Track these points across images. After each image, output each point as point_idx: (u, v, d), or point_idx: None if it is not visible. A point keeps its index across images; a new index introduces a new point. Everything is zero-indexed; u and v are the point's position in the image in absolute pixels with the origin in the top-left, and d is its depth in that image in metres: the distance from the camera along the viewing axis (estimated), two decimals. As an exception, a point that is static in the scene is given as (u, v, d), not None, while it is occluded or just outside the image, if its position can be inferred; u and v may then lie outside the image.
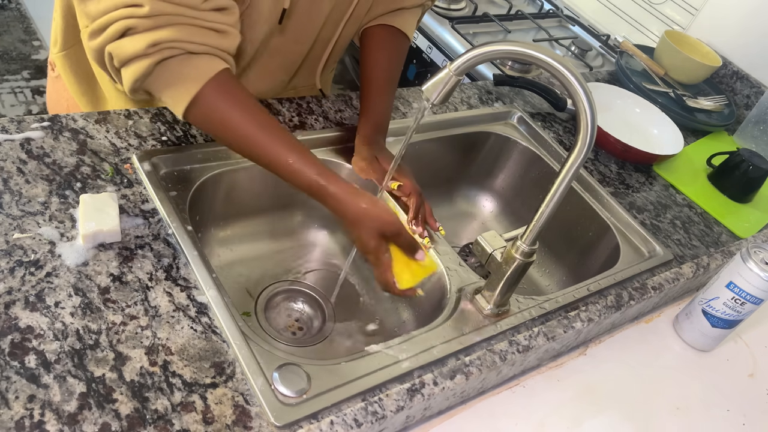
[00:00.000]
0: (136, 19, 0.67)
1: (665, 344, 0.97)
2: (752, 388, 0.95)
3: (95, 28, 0.69)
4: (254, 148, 0.74)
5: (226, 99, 0.73)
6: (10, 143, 0.78)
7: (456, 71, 0.69)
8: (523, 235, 0.75)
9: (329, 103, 1.05)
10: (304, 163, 0.74)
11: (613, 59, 1.75)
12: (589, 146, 0.67)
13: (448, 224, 1.20)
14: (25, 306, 0.62)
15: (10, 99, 2.37)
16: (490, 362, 0.74)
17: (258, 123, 0.74)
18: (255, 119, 0.74)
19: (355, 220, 0.75)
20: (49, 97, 1.09)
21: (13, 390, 0.56)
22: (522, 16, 1.84)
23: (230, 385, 0.63)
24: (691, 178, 1.27)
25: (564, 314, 0.85)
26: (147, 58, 0.69)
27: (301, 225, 1.03)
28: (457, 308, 0.81)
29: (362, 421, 0.63)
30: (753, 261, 0.88)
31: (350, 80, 1.94)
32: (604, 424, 0.81)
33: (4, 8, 2.77)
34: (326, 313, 0.95)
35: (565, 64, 0.64)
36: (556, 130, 1.24)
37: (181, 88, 0.71)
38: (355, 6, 0.93)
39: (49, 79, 1.06)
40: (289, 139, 0.75)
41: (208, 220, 0.92)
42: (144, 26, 0.67)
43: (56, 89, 1.04)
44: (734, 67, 1.63)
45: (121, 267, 0.69)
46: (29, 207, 0.72)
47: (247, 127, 0.73)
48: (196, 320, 0.67)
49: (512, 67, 1.57)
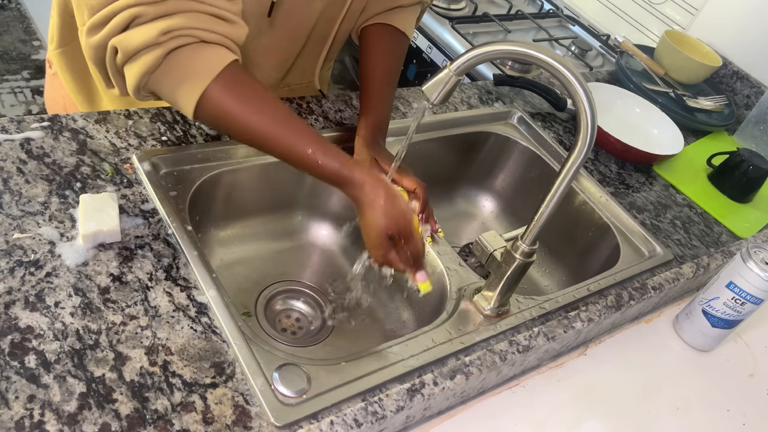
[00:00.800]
0: (143, 7, 0.64)
1: (665, 344, 0.97)
2: (752, 388, 0.95)
3: (96, 22, 0.66)
4: (270, 141, 0.72)
5: (237, 93, 0.70)
6: (10, 143, 0.78)
7: (456, 71, 0.69)
8: (523, 235, 0.75)
9: (329, 103, 1.05)
10: (324, 152, 0.72)
11: (613, 59, 1.75)
12: (589, 146, 0.67)
13: (448, 224, 1.20)
14: (25, 306, 0.62)
15: (10, 99, 2.37)
16: (490, 362, 0.74)
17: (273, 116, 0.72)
18: (269, 111, 0.72)
19: (370, 216, 0.73)
20: (47, 94, 1.09)
21: (13, 390, 0.56)
22: (522, 16, 1.84)
23: (230, 385, 0.63)
24: (691, 178, 1.27)
25: (564, 314, 0.85)
26: (159, 47, 0.66)
27: (301, 225, 1.03)
28: (457, 308, 0.81)
29: (362, 421, 0.63)
30: (753, 261, 0.88)
31: (350, 80, 1.94)
32: (605, 424, 0.81)
33: (4, 8, 2.77)
34: (326, 313, 0.95)
35: (565, 64, 0.64)
36: (556, 130, 1.24)
37: (189, 83, 0.68)
38: (350, 4, 0.93)
39: (47, 76, 1.06)
40: (305, 129, 0.73)
41: (208, 220, 0.92)
42: (152, 14, 0.64)
43: (53, 86, 1.05)
44: (734, 67, 1.63)
45: (121, 267, 0.69)
46: (29, 207, 0.71)
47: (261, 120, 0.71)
48: (196, 320, 0.67)
49: (512, 67, 1.57)
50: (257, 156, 0.91)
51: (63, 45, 0.96)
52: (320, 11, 0.91)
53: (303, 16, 0.91)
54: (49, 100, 1.08)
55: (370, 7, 0.98)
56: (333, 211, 1.03)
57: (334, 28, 0.97)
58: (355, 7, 0.95)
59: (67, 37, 0.95)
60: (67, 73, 0.99)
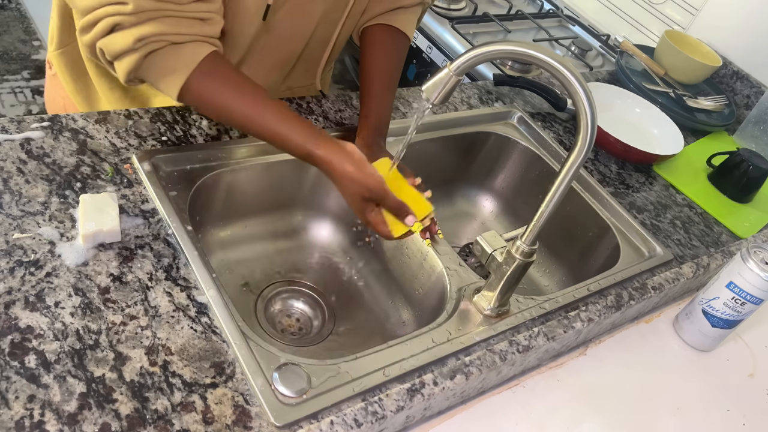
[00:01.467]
0: (122, 16, 0.70)
1: (665, 344, 0.97)
2: (752, 388, 0.94)
3: (85, 24, 0.72)
4: (247, 122, 0.78)
5: (214, 81, 0.77)
6: (10, 143, 0.78)
7: (456, 71, 0.69)
8: (523, 235, 0.75)
9: (329, 103, 1.05)
10: (293, 130, 0.77)
11: (613, 59, 1.75)
12: (589, 146, 0.67)
13: (448, 224, 1.20)
14: (25, 306, 0.62)
15: (10, 99, 2.37)
16: (490, 362, 0.74)
17: (247, 99, 0.77)
18: (244, 96, 0.77)
19: (341, 184, 0.78)
20: (47, 95, 1.10)
21: (13, 390, 0.56)
22: (522, 16, 1.84)
23: (230, 385, 0.63)
24: (691, 178, 1.27)
25: (564, 314, 0.85)
26: (135, 52, 0.72)
27: (301, 225, 1.03)
28: (457, 308, 0.81)
29: (362, 421, 0.63)
30: (753, 261, 0.87)
31: (350, 80, 1.94)
32: (605, 424, 0.81)
33: (4, 8, 2.77)
34: (326, 313, 0.95)
35: (565, 64, 0.64)
36: (556, 130, 1.24)
37: (170, 77, 0.75)
38: (351, 6, 0.93)
39: (47, 77, 1.07)
40: (278, 109, 0.78)
41: (208, 220, 0.92)
42: (129, 22, 0.70)
43: (53, 87, 1.05)
44: (734, 67, 1.63)
45: (121, 267, 0.69)
46: (29, 207, 0.72)
47: (237, 104, 0.77)
48: (196, 320, 0.67)
49: (512, 67, 1.57)
50: (257, 156, 0.91)
51: (62, 46, 0.97)
52: (321, 14, 0.91)
53: (302, 19, 0.91)
54: (49, 100, 1.09)
55: (372, 8, 0.98)
56: (333, 211, 1.03)
57: (336, 30, 0.97)
58: (357, 9, 0.95)
59: (66, 39, 0.97)
60: (66, 74, 1.00)
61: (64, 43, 0.97)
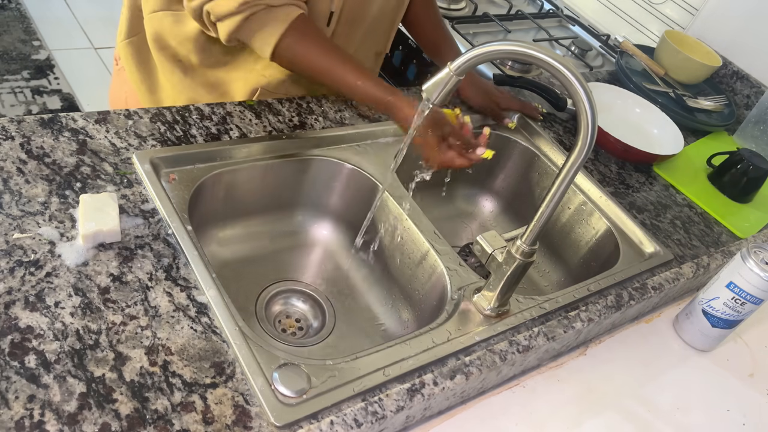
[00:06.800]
0: None
1: (665, 344, 0.97)
2: (752, 388, 0.95)
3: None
4: (330, 77, 0.92)
5: (304, 39, 0.91)
6: (10, 143, 0.78)
7: (456, 71, 0.69)
8: (523, 235, 0.75)
9: (329, 102, 1.05)
10: (374, 84, 0.92)
11: (613, 59, 1.75)
12: (589, 146, 0.67)
13: (448, 224, 1.20)
14: (25, 306, 0.62)
15: (10, 99, 2.37)
16: (490, 362, 0.74)
17: (331, 55, 0.92)
18: (328, 52, 0.92)
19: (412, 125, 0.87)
20: (112, 92, 1.19)
21: (13, 390, 0.56)
22: (522, 16, 1.84)
23: (230, 385, 0.63)
24: (691, 178, 1.27)
25: (564, 314, 0.85)
26: (238, 14, 0.86)
27: (301, 225, 1.03)
28: (457, 308, 0.81)
29: (362, 421, 0.63)
30: (753, 261, 0.88)
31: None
32: (604, 424, 0.81)
33: (4, 8, 2.77)
34: (326, 313, 0.95)
35: (565, 64, 0.64)
36: (556, 130, 1.24)
37: (266, 35, 0.89)
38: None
39: (113, 73, 1.15)
40: (357, 66, 0.93)
41: (208, 220, 0.92)
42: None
43: (118, 82, 1.14)
44: (734, 67, 1.63)
45: (121, 267, 0.69)
46: (29, 207, 0.71)
47: (323, 59, 0.92)
48: (196, 320, 0.67)
49: (512, 67, 1.57)
50: (257, 156, 0.91)
51: (131, 35, 1.07)
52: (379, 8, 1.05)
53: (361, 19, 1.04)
54: (113, 98, 1.19)
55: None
56: (333, 211, 1.03)
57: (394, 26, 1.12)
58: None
59: (134, 29, 1.06)
60: (132, 64, 1.08)
61: (133, 33, 1.07)
